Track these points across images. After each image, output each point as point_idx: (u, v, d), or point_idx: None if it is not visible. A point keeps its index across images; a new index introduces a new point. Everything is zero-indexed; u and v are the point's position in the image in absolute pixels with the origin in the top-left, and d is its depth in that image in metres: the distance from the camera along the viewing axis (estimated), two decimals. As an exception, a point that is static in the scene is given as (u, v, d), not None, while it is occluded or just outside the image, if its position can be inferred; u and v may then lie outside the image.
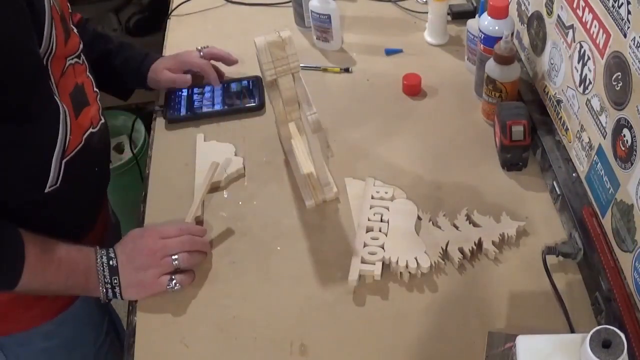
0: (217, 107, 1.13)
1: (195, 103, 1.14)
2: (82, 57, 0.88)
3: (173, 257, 0.83)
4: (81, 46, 0.87)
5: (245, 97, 1.14)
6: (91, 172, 0.90)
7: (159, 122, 1.13)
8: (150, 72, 1.11)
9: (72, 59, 0.84)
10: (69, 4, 0.87)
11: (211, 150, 1.05)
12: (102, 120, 0.91)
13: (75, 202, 0.88)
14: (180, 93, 1.16)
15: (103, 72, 1.01)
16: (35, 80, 0.75)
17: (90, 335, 1.02)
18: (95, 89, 0.91)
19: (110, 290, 0.82)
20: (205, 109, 1.13)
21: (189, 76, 1.12)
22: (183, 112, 1.12)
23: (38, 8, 0.73)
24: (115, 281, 0.82)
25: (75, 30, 0.87)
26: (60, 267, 0.79)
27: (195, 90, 1.16)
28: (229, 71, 1.20)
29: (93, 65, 0.94)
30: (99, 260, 0.82)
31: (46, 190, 0.80)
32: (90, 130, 0.87)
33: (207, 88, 1.16)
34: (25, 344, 0.93)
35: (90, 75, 0.90)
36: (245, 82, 1.17)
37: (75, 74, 0.85)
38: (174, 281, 0.83)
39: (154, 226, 0.89)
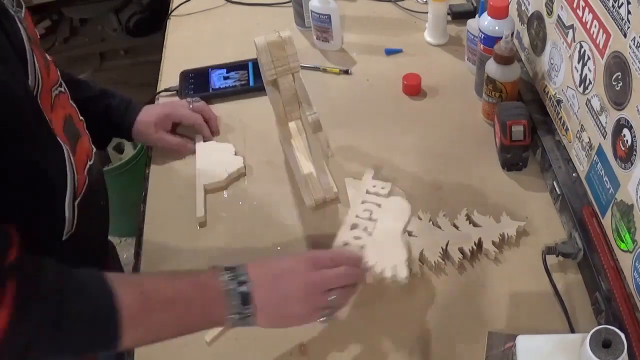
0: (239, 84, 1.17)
1: (215, 83, 1.18)
2: (63, 84, 0.81)
3: (330, 293, 0.71)
4: (58, 73, 0.80)
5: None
6: (98, 208, 0.86)
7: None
8: (138, 125, 1.01)
9: (56, 89, 0.77)
10: (36, 32, 0.79)
11: (211, 150, 1.05)
12: (94, 150, 0.86)
13: (90, 240, 0.83)
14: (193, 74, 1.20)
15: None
16: (31, 119, 0.68)
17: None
18: (80, 117, 0.84)
19: (239, 321, 0.68)
20: (224, 86, 1.17)
21: (192, 146, 1.04)
22: (200, 91, 1.15)
23: (15, 40, 0.67)
24: (249, 310, 0.68)
25: (49, 57, 0.80)
26: (169, 308, 0.66)
27: (218, 71, 1.20)
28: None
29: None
30: (225, 286, 0.67)
31: (64, 238, 0.74)
32: (89, 163, 0.81)
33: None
34: None
35: (73, 104, 0.83)
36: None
37: (62, 105, 0.78)
38: (327, 312, 0.72)
39: (305, 253, 0.79)
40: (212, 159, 1.01)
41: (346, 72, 1.20)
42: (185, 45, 1.33)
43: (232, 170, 1.00)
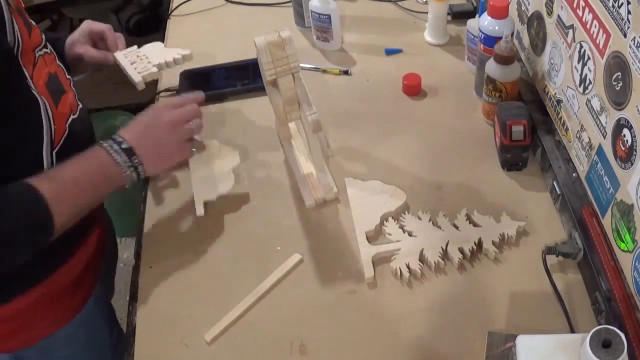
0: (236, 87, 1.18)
1: (216, 82, 1.19)
2: (49, 46, 0.88)
3: (189, 123, 0.88)
4: (44, 36, 0.87)
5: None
6: None
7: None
8: (67, 50, 1.05)
9: (40, 49, 0.84)
10: (21, 3, 0.86)
11: (209, 158, 1.00)
12: (81, 106, 0.91)
13: None
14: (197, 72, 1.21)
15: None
16: (10, 75, 0.75)
17: (106, 333, 1.02)
18: (67, 76, 0.91)
19: (133, 172, 0.83)
20: (224, 88, 1.17)
21: (110, 55, 1.07)
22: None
23: None
24: (135, 160, 0.82)
25: (33, 22, 0.86)
26: (78, 183, 0.79)
27: (216, 70, 1.21)
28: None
29: None
30: (110, 149, 0.82)
31: None
32: (72, 117, 0.87)
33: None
34: (47, 353, 0.93)
35: (60, 64, 0.90)
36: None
37: (47, 64, 0.85)
38: (197, 143, 0.90)
39: (156, 105, 0.91)
40: (208, 173, 0.97)
41: (346, 72, 1.20)
42: (185, 45, 1.32)
43: (225, 192, 0.94)
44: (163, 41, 1.35)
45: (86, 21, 1.09)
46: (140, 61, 1.04)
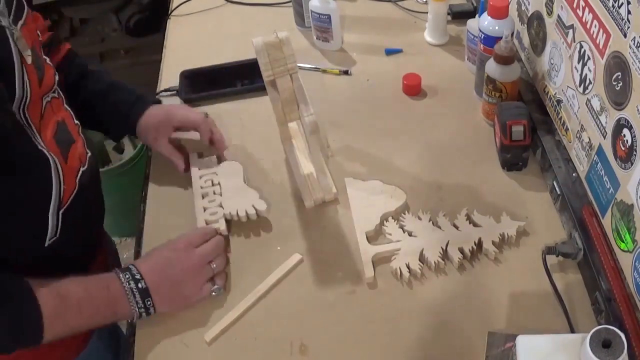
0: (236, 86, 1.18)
1: (216, 82, 1.18)
2: (58, 90, 0.82)
3: (211, 264, 0.84)
4: (57, 78, 0.82)
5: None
6: (88, 212, 0.87)
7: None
8: (141, 125, 0.98)
9: (48, 96, 0.79)
10: (39, 33, 0.81)
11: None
12: (90, 154, 0.86)
13: (76, 243, 0.84)
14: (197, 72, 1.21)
15: (91, 113, 0.95)
16: (11, 136, 0.70)
17: None
18: (75, 121, 0.85)
19: (144, 311, 0.79)
20: (224, 88, 1.17)
21: (182, 165, 1.00)
22: (200, 91, 1.16)
23: (3, 62, 0.69)
24: (149, 302, 0.78)
25: (48, 60, 0.81)
26: (82, 309, 0.75)
27: (216, 70, 1.21)
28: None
29: (82, 105, 0.89)
30: (126, 286, 0.78)
31: (46, 244, 0.77)
32: (81, 170, 0.82)
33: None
34: None
35: (68, 108, 0.84)
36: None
37: (54, 111, 0.80)
38: (216, 286, 0.84)
39: (178, 238, 0.85)
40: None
41: (346, 72, 1.20)
42: (185, 45, 1.33)
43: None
44: (163, 41, 1.35)
45: (182, 107, 1.06)
46: (211, 202, 0.93)
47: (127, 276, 0.78)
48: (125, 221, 1.54)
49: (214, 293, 0.83)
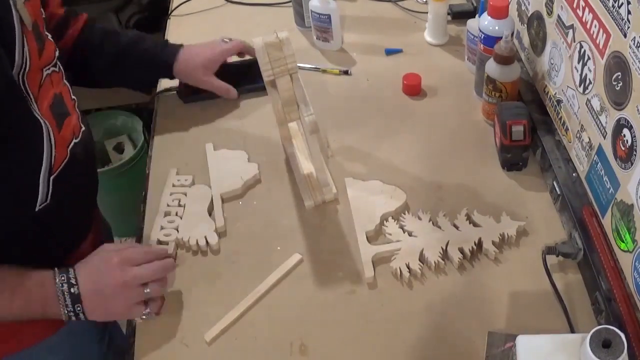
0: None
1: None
2: (58, 64, 0.84)
3: (145, 288, 0.79)
4: (57, 53, 0.83)
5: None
6: (80, 183, 0.88)
7: (160, 121, 1.13)
8: (182, 65, 1.08)
9: (49, 68, 0.81)
10: (42, 10, 0.82)
11: (223, 159, 1.03)
12: (84, 129, 0.88)
13: (67, 214, 0.85)
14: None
15: (120, 70, 1.02)
16: (8, 101, 0.71)
17: (94, 345, 1.00)
18: (72, 96, 0.87)
19: (73, 316, 0.78)
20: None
21: (235, 92, 1.13)
22: (200, 91, 1.15)
23: (4, 26, 0.71)
24: (79, 308, 0.77)
25: (50, 36, 0.83)
26: (14, 298, 0.75)
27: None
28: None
29: (109, 62, 0.95)
30: (58, 289, 0.76)
31: (37, 209, 0.78)
32: (74, 141, 0.84)
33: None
34: None
35: (67, 83, 0.86)
36: None
37: (53, 84, 0.82)
38: (148, 310, 0.80)
39: (119, 249, 0.82)
40: (225, 167, 1.00)
41: (346, 72, 1.20)
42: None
43: (248, 177, 0.99)
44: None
45: (215, 45, 1.12)
46: (170, 223, 0.94)
47: (62, 278, 0.77)
48: (125, 221, 1.54)
49: (144, 317, 0.80)
